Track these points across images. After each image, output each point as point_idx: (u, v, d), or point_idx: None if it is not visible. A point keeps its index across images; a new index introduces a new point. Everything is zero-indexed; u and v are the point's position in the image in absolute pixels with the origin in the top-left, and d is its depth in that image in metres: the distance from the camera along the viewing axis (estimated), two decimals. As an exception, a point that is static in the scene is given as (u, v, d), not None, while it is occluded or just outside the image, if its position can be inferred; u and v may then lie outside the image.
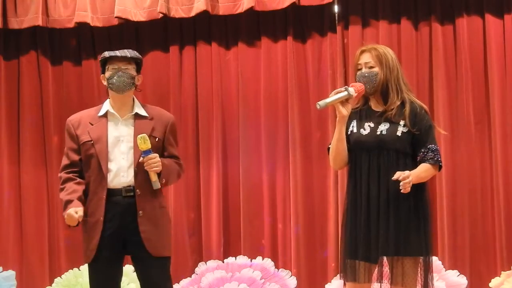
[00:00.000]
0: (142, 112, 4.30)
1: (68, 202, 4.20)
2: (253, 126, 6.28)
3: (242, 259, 6.20)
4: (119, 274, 4.33)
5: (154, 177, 4.12)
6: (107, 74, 4.29)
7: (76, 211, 4.15)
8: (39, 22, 6.38)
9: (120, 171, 4.21)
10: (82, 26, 6.45)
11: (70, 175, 4.31)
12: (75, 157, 4.31)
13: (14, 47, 6.65)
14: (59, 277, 6.42)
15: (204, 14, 6.17)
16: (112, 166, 4.22)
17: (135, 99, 4.35)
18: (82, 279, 6.29)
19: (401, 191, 3.80)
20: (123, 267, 4.42)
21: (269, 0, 6.09)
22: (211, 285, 6.16)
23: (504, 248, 5.77)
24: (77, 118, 4.39)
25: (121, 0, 6.24)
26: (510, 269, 5.73)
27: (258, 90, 6.29)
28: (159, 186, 4.15)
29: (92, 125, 4.30)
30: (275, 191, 6.24)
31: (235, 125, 6.32)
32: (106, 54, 4.30)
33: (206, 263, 6.25)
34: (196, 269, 6.27)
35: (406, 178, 3.79)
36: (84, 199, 4.26)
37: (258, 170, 6.24)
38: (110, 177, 4.20)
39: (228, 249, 6.28)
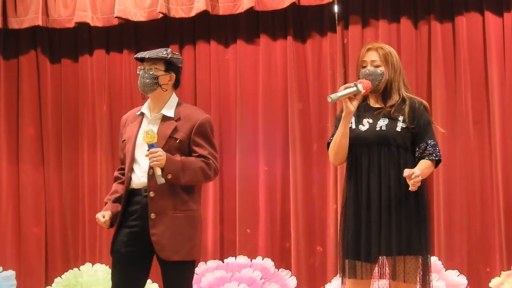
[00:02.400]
0: (169, 112, 4.20)
1: (104, 204, 4.26)
2: (251, 126, 6.27)
3: (242, 259, 6.20)
4: (139, 273, 4.19)
5: (157, 172, 4.02)
6: None
7: (103, 215, 4.19)
8: (39, 22, 6.39)
9: (141, 172, 4.15)
10: (81, 26, 6.45)
11: (118, 173, 4.35)
12: (122, 155, 4.32)
13: (14, 47, 6.66)
14: (59, 277, 6.42)
15: (204, 14, 6.17)
16: (135, 166, 4.18)
17: (172, 99, 4.25)
18: (82, 279, 6.29)
19: (410, 188, 3.81)
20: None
21: (269, 0, 6.09)
22: (211, 285, 6.16)
23: (504, 248, 5.76)
24: (126, 115, 4.38)
25: (121, 0, 6.25)
26: (510, 269, 5.73)
27: (256, 90, 6.29)
28: (163, 181, 4.02)
29: (132, 123, 4.28)
30: (275, 190, 6.23)
31: (233, 124, 6.31)
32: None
33: (206, 263, 6.24)
34: (196, 269, 6.25)
35: (416, 177, 3.79)
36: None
37: (255, 170, 6.23)
38: (133, 177, 4.17)
39: (228, 249, 6.27)
